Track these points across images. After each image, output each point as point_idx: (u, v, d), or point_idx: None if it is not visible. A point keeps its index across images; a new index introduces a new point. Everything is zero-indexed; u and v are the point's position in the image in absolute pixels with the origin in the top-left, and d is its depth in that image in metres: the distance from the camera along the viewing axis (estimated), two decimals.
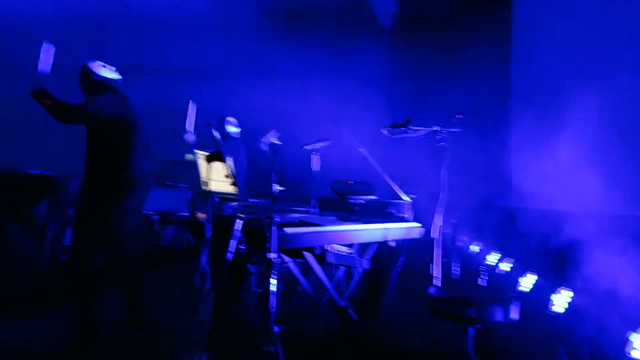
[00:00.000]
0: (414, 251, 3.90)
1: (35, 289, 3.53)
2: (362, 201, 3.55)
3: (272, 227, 2.31)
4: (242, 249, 2.27)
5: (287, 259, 2.99)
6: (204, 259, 2.28)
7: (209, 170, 2.67)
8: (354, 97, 9.15)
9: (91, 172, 3.26)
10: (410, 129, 3.30)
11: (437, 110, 6.16)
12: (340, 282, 3.49)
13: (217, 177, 3.15)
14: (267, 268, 2.34)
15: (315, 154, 4.60)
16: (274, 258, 2.33)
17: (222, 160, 2.35)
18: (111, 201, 3.16)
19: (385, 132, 3.36)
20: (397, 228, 3.34)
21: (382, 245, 3.45)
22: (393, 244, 3.42)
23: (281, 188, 2.47)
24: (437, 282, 3.21)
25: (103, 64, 3.45)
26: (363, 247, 3.44)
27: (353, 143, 3.82)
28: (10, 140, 3.40)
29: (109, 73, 3.43)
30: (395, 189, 3.66)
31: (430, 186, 3.73)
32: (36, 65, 3.20)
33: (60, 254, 3.71)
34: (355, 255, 3.19)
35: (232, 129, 5.46)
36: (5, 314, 3.41)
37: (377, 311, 3.40)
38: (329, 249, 2.97)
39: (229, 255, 2.22)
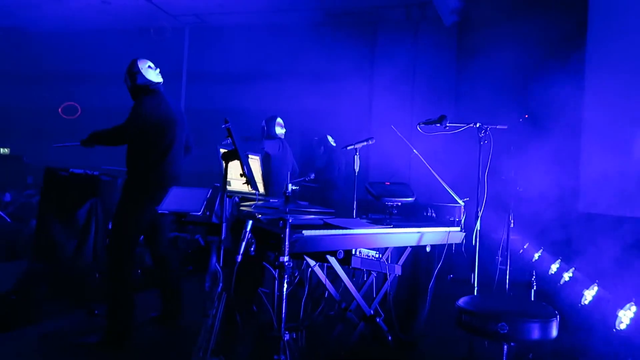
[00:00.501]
0: (461, 257, 3.66)
1: (78, 286, 3.68)
2: (399, 203, 3.36)
3: (286, 229, 2.21)
4: (252, 251, 2.18)
5: (312, 262, 2.88)
6: (214, 260, 2.22)
7: (229, 169, 2.62)
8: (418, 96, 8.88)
9: (132, 169, 3.36)
10: (446, 125, 3.07)
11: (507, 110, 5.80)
12: (373, 288, 3.32)
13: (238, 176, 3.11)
14: (279, 272, 2.24)
15: (357, 154, 4.47)
16: (286, 262, 2.22)
17: (238, 158, 2.28)
18: (150, 197, 3.21)
19: (419, 129, 3.15)
20: (432, 232, 3.12)
21: (419, 250, 3.25)
22: (428, 248, 3.20)
23: (295, 187, 2.36)
24: (475, 291, 2.96)
25: (151, 64, 3.54)
26: (399, 252, 3.26)
27: (404, 144, 3.66)
28: (56, 140, 3.55)
29: (153, 75, 3.50)
30: (449, 191, 3.44)
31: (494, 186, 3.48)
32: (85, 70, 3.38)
33: (104, 252, 3.86)
34: (385, 260, 3.01)
35: (279, 130, 5.52)
36: (48, 309, 3.58)
37: (410, 321, 3.20)
38: (356, 253, 2.82)
39: (238, 258, 2.14)
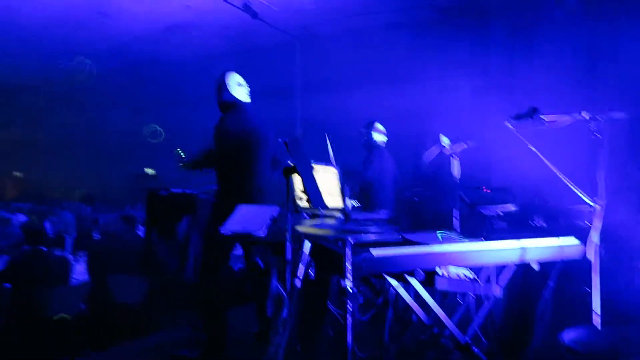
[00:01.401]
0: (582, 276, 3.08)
1: (177, 300, 3.87)
2: (499, 212, 2.94)
3: (345, 250, 2.00)
4: (312, 275, 2.02)
5: (394, 281, 2.62)
6: (275, 284, 2.11)
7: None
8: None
9: (218, 185, 3.44)
10: (541, 119, 2.59)
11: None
12: (469, 312, 2.93)
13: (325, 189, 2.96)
14: (344, 298, 2.04)
15: (455, 158, 4.07)
16: (349, 287, 2.01)
17: (297, 172, 2.15)
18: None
19: (509, 125, 2.71)
20: (540, 247, 2.65)
21: (525, 268, 2.79)
22: (536, 266, 2.73)
23: (354, 203, 2.14)
24: (597, 320, 2.43)
25: (240, 81, 3.59)
26: (501, 270, 2.84)
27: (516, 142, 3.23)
28: (158, 160, 3.78)
29: (241, 94, 3.55)
30: (578, 193, 2.95)
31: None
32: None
33: None
34: (479, 280, 2.63)
35: (379, 137, 5.26)
36: (149, 323, 3.81)
37: (515, 351, 2.75)
38: (442, 272, 2.49)
39: (297, 282, 1.99)
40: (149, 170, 13.49)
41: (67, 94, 15.17)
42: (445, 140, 6.56)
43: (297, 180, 2.22)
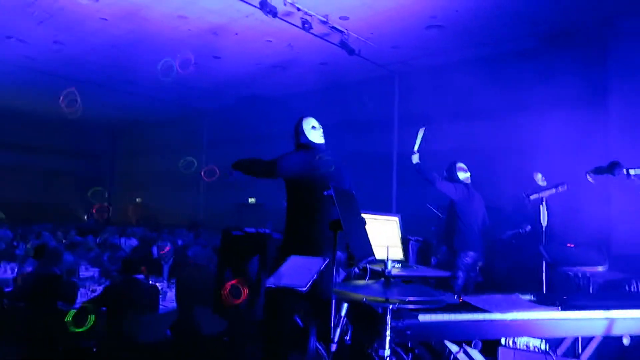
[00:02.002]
0: None
1: (248, 336, 3.92)
2: (585, 273, 2.58)
3: (386, 318, 1.86)
4: (348, 339, 1.90)
5: (454, 346, 2.39)
6: (313, 343, 2.03)
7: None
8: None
9: (288, 225, 3.44)
10: (622, 174, 2.24)
11: None
12: None
13: (382, 242, 2.84)
14: None
15: (543, 204, 3.69)
16: (387, 357, 1.86)
17: (341, 228, 2.08)
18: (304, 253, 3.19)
19: (590, 178, 2.38)
20: (634, 318, 2.26)
21: (610, 341, 2.40)
22: (627, 341, 2.33)
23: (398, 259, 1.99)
24: None
25: (315, 124, 3.65)
26: (585, 341, 2.47)
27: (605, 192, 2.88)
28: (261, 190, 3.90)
29: (316, 136, 3.58)
30: None
31: None
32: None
33: None
34: (555, 353, 2.30)
35: (463, 175, 4.96)
36: (223, 355, 3.89)
37: None
38: (507, 343, 2.23)
39: (333, 347, 1.89)
40: (251, 200, 14.20)
41: (183, 130, 16.68)
42: (539, 178, 6.00)
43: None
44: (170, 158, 16.83)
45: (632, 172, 2.23)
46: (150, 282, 5.41)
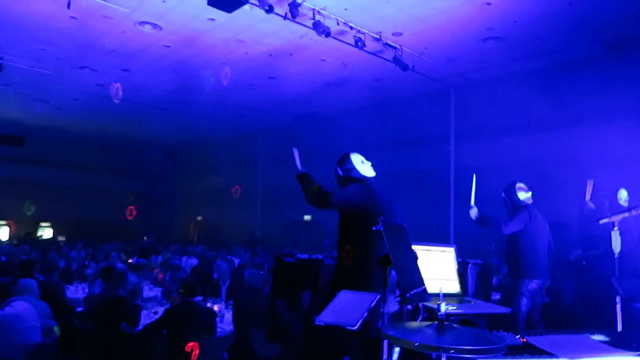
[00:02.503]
0: None
1: None
2: None
3: None
4: None
5: None
6: None
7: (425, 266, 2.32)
8: None
9: (340, 256, 3.39)
10: None
11: None
12: None
13: (436, 274, 2.73)
14: None
15: (615, 229, 3.42)
16: None
17: (390, 263, 2.01)
18: (344, 286, 3.13)
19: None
20: None
21: None
22: None
23: (452, 307, 1.88)
24: None
25: (363, 159, 3.58)
26: None
27: None
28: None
29: (366, 170, 3.52)
30: None
31: None
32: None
33: None
34: None
35: (524, 196, 4.69)
36: None
37: None
38: None
39: None
40: (307, 217, 14.28)
41: (241, 149, 17.13)
42: (623, 196, 5.52)
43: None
44: (229, 176, 17.35)
45: None
46: (209, 303, 5.53)
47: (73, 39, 9.10)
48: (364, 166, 3.53)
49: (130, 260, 7.93)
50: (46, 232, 17.91)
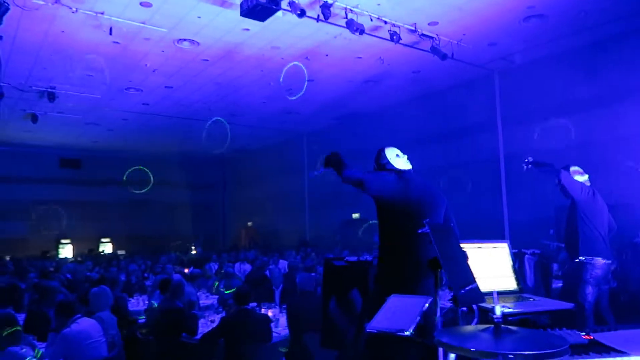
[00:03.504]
0: None
1: None
2: None
3: None
4: None
5: None
6: None
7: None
8: None
9: (381, 256, 3.27)
10: None
11: None
12: None
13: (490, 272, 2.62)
14: None
15: None
16: None
17: (440, 267, 1.93)
18: (386, 288, 3.01)
19: None
20: None
21: None
22: None
23: (509, 309, 1.76)
24: None
25: (398, 152, 3.46)
26: None
27: None
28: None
29: (401, 164, 3.39)
30: None
31: None
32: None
33: None
34: None
35: (580, 179, 4.42)
36: None
37: None
38: None
39: None
40: (355, 215, 14.22)
41: (285, 155, 17.28)
42: None
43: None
44: (276, 182, 17.54)
45: None
46: (263, 309, 5.58)
47: (117, 62, 9.48)
48: (399, 159, 3.39)
49: (186, 271, 8.15)
50: (107, 248, 18.76)
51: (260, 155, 18.66)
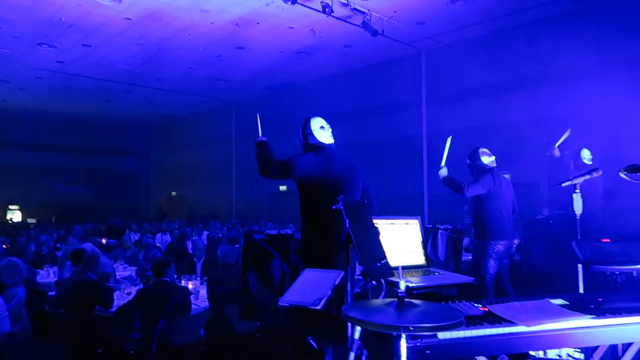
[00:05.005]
0: None
1: (279, 344, 3.91)
2: (624, 272, 2.39)
3: (399, 344, 1.74)
4: None
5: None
6: None
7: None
8: None
9: (303, 231, 3.34)
10: None
11: None
12: None
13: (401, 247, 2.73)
14: None
15: (577, 191, 3.47)
16: None
17: (352, 242, 1.98)
18: (309, 261, 3.09)
19: (623, 175, 2.18)
20: None
21: None
22: None
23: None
24: None
25: (323, 124, 3.46)
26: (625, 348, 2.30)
27: None
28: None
29: (324, 137, 3.40)
30: None
31: None
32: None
33: None
34: None
35: (488, 160, 4.69)
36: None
37: None
38: (536, 353, 2.10)
39: None
40: (282, 188, 14.23)
41: (213, 124, 16.82)
42: (586, 155, 5.61)
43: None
44: (202, 151, 17.07)
45: None
46: (183, 281, 5.48)
47: (29, 14, 8.67)
48: (322, 132, 3.40)
49: (103, 241, 7.79)
50: (15, 216, 17.50)
51: (187, 122, 18.04)
